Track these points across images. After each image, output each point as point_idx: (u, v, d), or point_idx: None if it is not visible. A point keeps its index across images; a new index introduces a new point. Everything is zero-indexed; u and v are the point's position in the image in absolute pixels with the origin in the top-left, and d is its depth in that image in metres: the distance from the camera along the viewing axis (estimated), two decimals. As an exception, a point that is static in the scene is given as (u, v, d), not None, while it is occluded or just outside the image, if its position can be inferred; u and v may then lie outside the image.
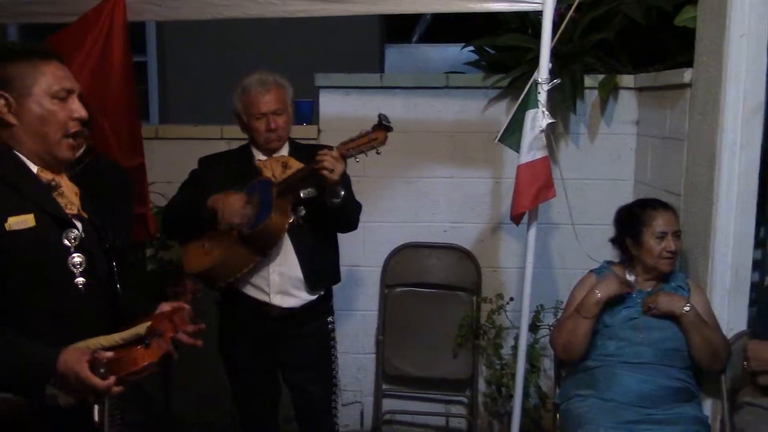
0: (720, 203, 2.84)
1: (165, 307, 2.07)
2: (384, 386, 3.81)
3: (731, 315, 2.87)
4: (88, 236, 1.97)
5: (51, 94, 1.91)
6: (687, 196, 3.09)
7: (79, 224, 1.97)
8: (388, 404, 3.83)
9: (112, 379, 1.77)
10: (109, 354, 1.80)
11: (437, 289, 3.77)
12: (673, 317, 2.78)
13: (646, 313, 2.82)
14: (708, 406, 2.90)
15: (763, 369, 2.61)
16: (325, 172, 2.57)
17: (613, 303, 2.85)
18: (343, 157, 2.60)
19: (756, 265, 3.01)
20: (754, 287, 2.91)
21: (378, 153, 2.62)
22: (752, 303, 2.88)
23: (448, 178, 3.75)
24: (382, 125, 2.58)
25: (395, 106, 3.67)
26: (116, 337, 1.87)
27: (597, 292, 2.80)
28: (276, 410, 2.99)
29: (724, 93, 2.79)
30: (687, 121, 3.09)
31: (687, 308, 2.75)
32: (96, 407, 1.82)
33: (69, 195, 1.98)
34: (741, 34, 2.76)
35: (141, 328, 1.87)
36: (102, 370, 1.76)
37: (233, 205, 2.63)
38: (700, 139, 2.97)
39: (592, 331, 2.82)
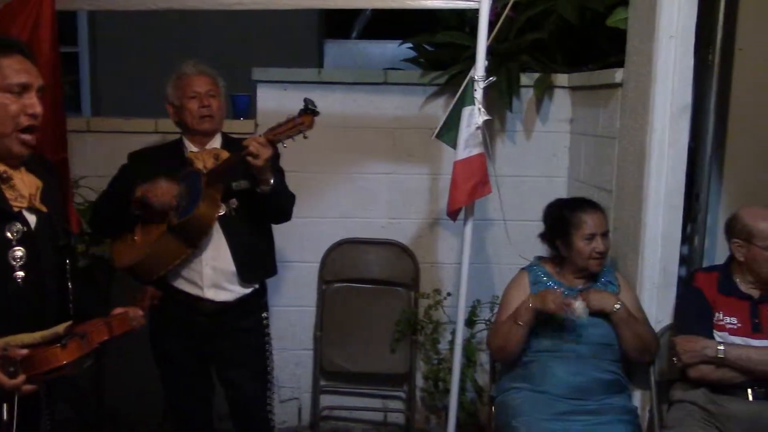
0: (649, 200, 2.92)
1: (118, 310, 2.06)
2: (322, 382, 3.81)
3: (659, 309, 2.96)
4: (40, 231, 1.95)
5: (3, 87, 1.89)
6: (618, 193, 3.17)
7: (32, 218, 1.95)
8: (325, 400, 3.83)
9: (20, 378, 1.75)
10: (23, 352, 1.77)
11: (375, 284, 3.78)
12: (604, 314, 2.85)
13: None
14: (637, 397, 2.98)
15: (694, 361, 2.69)
16: (250, 158, 2.56)
17: None
18: (270, 143, 2.60)
19: (683, 261, 3.12)
20: (682, 282, 3.01)
21: (305, 137, 2.61)
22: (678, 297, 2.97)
23: (387, 174, 3.76)
24: (309, 110, 2.58)
25: (334, 102, 3.67)
26: (37, 335, 1.84)
27: (533, 303, 2.82)
28: (209, 407, 2.96)
29: (653, 93, 2.87)
30: (618, 120, 3.17)
31: (618, 306, 2.82)
32: (5, 405, 1.79)
33: (21, 188, 1.95)
34: (669, 36, 2.84)
35: (60, 328, 1.85)
36: (11, 369, 1.74)
37: (162, 189, 2.60)
38: (631, 137, 3.05)
39: (526, 336, 2.86)
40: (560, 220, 2.95)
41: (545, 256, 3.09)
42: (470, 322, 3.60)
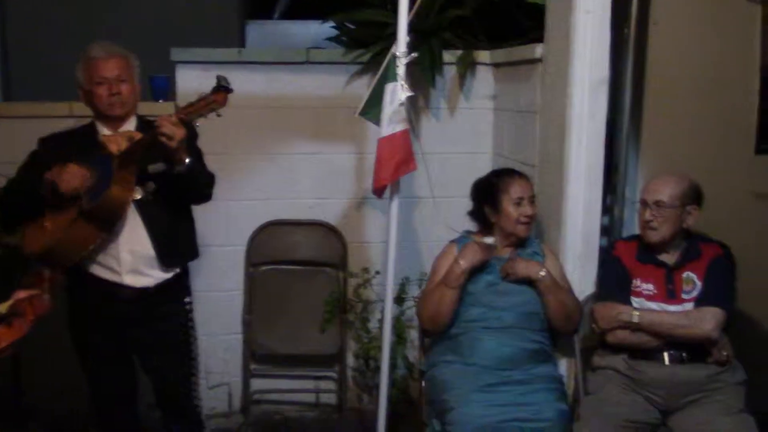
0: (570, 173, 3.00)
1: (21, 294, 1.99)
2: (252, 366, 3.79)
3: (582, 278, 3.05)
4: None
5: None
6: (541, 166, 3.24)
7: None
8: (256, 384, 3.82)
9: None
10: None
11: (303, 265, 3.77)
12: (530, 282, 2.92)
13: (505, 279, 2.94)
14: (563, 365, 3.07)
15: (611, 326, 2.79)
16: (163, 139, 2.51)
17: (475, 270, 2.95)
18: (183, 122, 2.55)
19: (604, 231, 3.21)
20: (602, 251, 3.09)
21: (218, 116, 2.57)
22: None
23: (312, 154, 3.75)
24: (221, 87, 2.54)
25: (256, 82, 3.63)
26: None
27: (461, 262, 2.89)
28: (134, 397, 2.91)
29: (571, 68, 2.94)
30: (539, 95, 3.23)
31: (543, 273, 2.89)
32: None
33: None
34: (586, 11, 2.90)
35: (3, 307, 1.79)
36: None
37: (72, 173, 2.53)
38: (551, 112, 3.12)
39: (457, 300, 2.91)
40: (489, 186, 3.01)
41: (474, 230, 3.15)
42: (399, 300, 3.63)
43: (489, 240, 2.93)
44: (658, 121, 3.25)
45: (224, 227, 3.71)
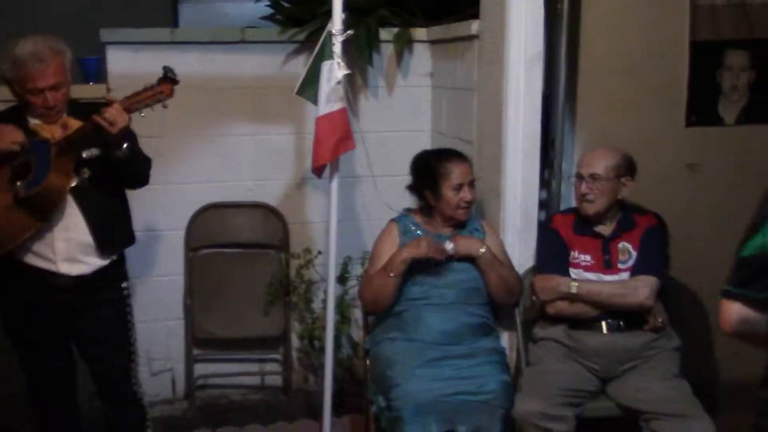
0: (508, 149, 3.03)
1: None
2: (195, 351, 3.75)
3: (522, 252, 3.09)
4: None
5: None
6: (479, 143, 3.27)
7: None
8: (200, 369, 3.79)
9: None
10: None
11: (244, 248, 3.74)
12: (471, 259, 2.95)
13: (447, 258, 2.96)
14: (505, 338, 3.12)
15: (550, 298, 2.85)
16: (105, 124, 2.45)
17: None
18: (127, 112, 2.50)
19: (542, 205, 3.26)
20: (541, 225, 3.14)
21: (164, 107, 2.53)
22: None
23: (251, 135, 3.71)
24: (168, 78, 2.50)
25: (191, 63, 3.57)
26: None
27: (405, 252, 2.88)
28: (73, 387, 2.85)
29: (506, 43, 2.97)
30: (476, 72, 3.26)
31: (483, 249, 2.93)
32: None
33: None
34: (520, -14, 2.93)
35: None
36: None
37: (8, 130, 2.46)
38: (488, 88, 3.14)
39: (399, 286, 2.93)
40: (428, 170, 3.01)
41: (413, 208, 3.16)
42: (342, 279, 3.64)
43: (449, 246, 2.91)
44: (592, 96, 3.30)
45: (162, 211, 3.65)
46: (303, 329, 3.77)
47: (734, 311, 1.69)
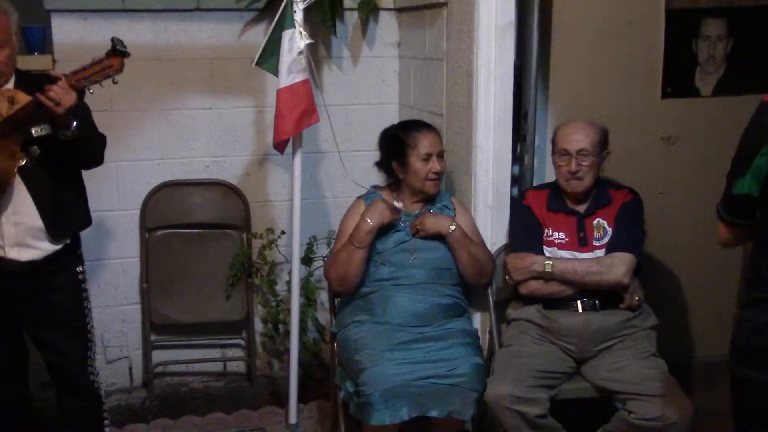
0: (479, 122, 3.03)
1: None
2: (153, 337, 3.73)
3: (494, 229, 3.11)
4: None
5: None
6: (449, 116, 3.26)
7: None
8: (158, 356, 3.76)
9: None
10: None
11: (203, 228, 3.72)
12: (441, 237, 2.95)
13: (416, 236, 2.96)
14: (477, 319, 3.14)
15: (524, 277, 2.86)
16: (50, 104, 2.39)
17: (383, 228, 2.97)
18: (74, 89, 2.43)
19: (515, 181, 3.27)
20: (513, 202, 3.15)
21: (114, 82, 2.47)
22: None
23: (207, 109, 3.67)
24: (117, 51, 2.43)
25: (143, 32, 3.51)
26: None
27: (368, 219, 2.90)
28: (23, 375, 2.81)
29: (477, 11, 2.95)
30: (445, 41, 3.24)
31: (453, 227, 2.93)
32: None
33: None
34: (490, -48, 2.91)
35: None
36: None
37: None
38: (458, 58, 3.13)
39: (366, 260, 2.92)
40: (396, 140, 3.01)
41: (381, 185, 3.16)
42: (307, 260, 3.63)
43: (398, 204, 2.95)
44: (565, 66, 3.31)
45: (116, 191, 3.61)
46: (266, 313, 3.76)
47: (723, 230, 2.08)
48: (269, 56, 3.03)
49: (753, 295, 1.93)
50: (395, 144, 3.01)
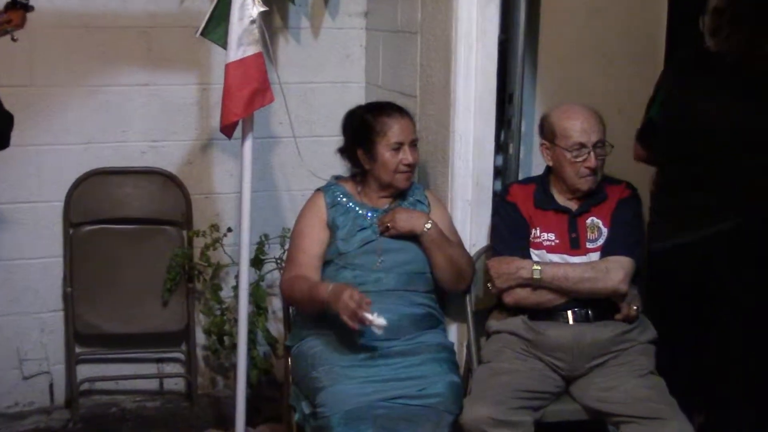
0: (458, 104, 3.03)
1: None
2: (78, 350, 3.69)
3: (474, 229, 3.11)
4: None
5: None
6: (423, 97, 3.26)
7: None
8: (84, 371, 3.73)
9: None
10: None
11: (137, 224, 3.69)
12: (414, 236, 2.93)
13: (384, 234, 2.94)
14: (453, 331, 3.14)
15: (508, 285, 2.86)
16: None
17: (344, 225, 2.95)
18: None
19: (498, 173, 3.26)
20: (496, 197, 3.15)
21: (14, 40, 2.41)
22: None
23: (143, 86, 3.64)
24: (17, 3, 2.37)
25: (67, -6, 3.48)
26: None
27: (327, 296, 2.76)
28: None
29: (456, -23, 2.95)
30: (419, 11, 3.24)
31: (428, 225, 2.92)
32: None
33: None
34: None
35: None
36: None
37: None
38: (434, 31, 3.13)
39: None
40: (362, 126, 2.99)
41: (344, 176, 3.15)
42: (257, 262, 3.60)
43: (381, 321, 2.68)
44: (556, 43, 3.32)
45: (34, 180, 3.57)
46: (210, 323, 3.72)
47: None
48: (216, 25, 3.00)
49: None
50: (362, 130, 2.99)
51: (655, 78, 3.35)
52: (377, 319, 2.67)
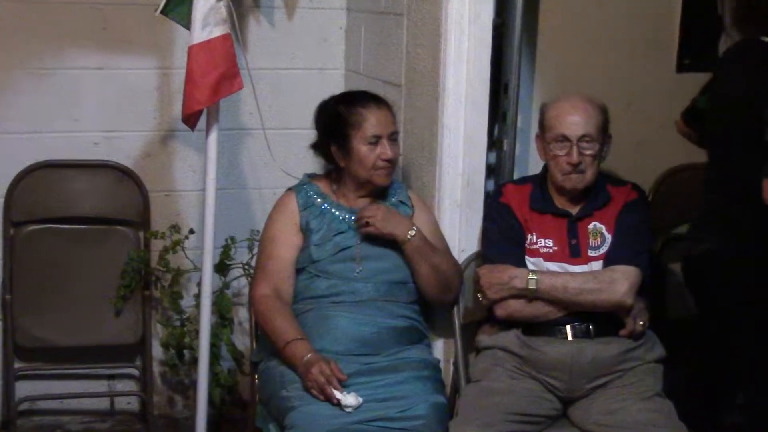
0: (447, 95, 3.04)
1: None
2: (17, 364, 3.68)
3: (463, 234, 3.12)
4: None
5: None
6: (409, 87, 3.27)
7: None
8: (24, 388, 3.72)
9: None
10: None
11: (87, 224, 3.69)
12: (395, 243, 2.94)
13: (360, 230, 2.95)
14: (439, 346, 3.15)
15: (500, 296, 2.87)
16: None
17: (319, 229, 2.97)
18: None
19: (490, 172, 3.28)
20: (488, 199, 3.16)
21: None
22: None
23: (97, 70, 3.64)
24: None
25: (11, -35, 3.48)
26: None
27: (302, 365, 2.75)
28: None
29: (447, -46, 2.96)
30: (406, -9, 3.25)
31: (412, 233, 2.93)
32: None
33: None
34: None
35: None
36: None
37: None
38: (422, 13, 3.14)
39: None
40: (336, 118, 3.00)
41: (318, 174, 3.15)
42: (222, 268, 3.60)
43: (349, 401, 2.68)
44: (557, 28, 3.33)
45: (-28, 172, 3.57)
46: (168, 335, 3.72)
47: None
48: (179, 3, 3.01)
49: None
50: (335, 123, 3.00)
51: (669, 66, 3.40)
52: (346, 398, 2.68)
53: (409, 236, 2.93)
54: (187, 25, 2.99)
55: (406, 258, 2.95)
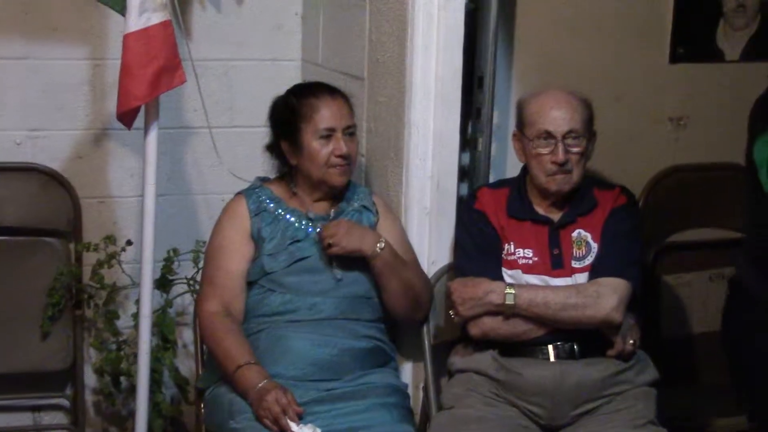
0: (415, 89, 3.06)
1: None
2: (-70, 394, 3.67)
3: (433, 244, 3.14)
4: None
5: None
6: (372, 80, 3.29)
7: None
8: (-61, 421, 3.70)
9: None
10: None
11: (9, 234, 3.68)
12: (361, 257, 2.95)
13: (327, 251, 2.94)
14: (407, 370, 3.17)
15: (474, 312, 2.88)
16: None
17: (272, 238, 2.98)
18: None
19: (463, 175, 3.29)
20: (461, 204, 3.18)
21: None
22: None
23: (19, 60, 3.63)
24: None
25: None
26: None
27: (254, 395, 2.76)
28: None
29: (413, -69, 2.98)
30: (369, -27, 3.27)
31: (381, 245, 2.94)
32: None
33: None
34: None
35: None
36: None
37: None
38: (387, -3, 3.15)
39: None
40: (285, 110, 3.02)
41: (270, 177, 3.17)
42: (164, 284, 3.60)
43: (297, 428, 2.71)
44: (537, 14, 3.36)
45: None
46: (102, 360, 3.71)
47: None
48: (113, -14, 3.00)
49: None
50: (285, 115, 3.02)
51: (662, 56, 3.43)
52: (302, 429, 2.68)
53: (378, 249, 2.93)
54: (122, 11, 2.97)
55: (374, 274, 2.97)
